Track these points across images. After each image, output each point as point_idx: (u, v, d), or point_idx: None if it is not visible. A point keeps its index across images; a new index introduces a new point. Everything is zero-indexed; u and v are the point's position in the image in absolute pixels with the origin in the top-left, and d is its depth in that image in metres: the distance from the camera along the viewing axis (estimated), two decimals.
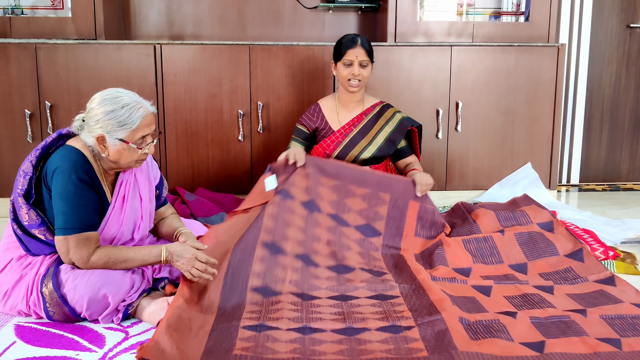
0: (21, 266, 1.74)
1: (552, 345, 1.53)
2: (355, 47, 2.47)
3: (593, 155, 3.90)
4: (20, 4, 3.13)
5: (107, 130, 1.67)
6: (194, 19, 3.46)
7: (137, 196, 1.85)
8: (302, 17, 3.50)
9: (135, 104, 1.69)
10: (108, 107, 1.66)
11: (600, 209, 3.18)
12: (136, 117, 1.68)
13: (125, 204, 1.81)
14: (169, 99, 2.99)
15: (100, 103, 1.67)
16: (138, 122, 1.69)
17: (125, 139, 1.69)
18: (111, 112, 1.66)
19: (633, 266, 2.21)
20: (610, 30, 3.75)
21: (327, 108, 2.63)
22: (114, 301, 1.68)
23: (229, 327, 1.63)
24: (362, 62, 2.47)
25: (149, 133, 1.73)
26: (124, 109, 1.67)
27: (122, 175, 1.83)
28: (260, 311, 1.75)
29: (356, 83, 2.50)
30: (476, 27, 3.21)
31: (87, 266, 1.68)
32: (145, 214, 1.87)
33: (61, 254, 1.69)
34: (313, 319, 1.69)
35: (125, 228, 1.81)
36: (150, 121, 1.73)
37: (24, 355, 1.54)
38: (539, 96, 3.20)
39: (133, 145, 1.70)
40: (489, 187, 3.25)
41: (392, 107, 2.65)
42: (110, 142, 1.68)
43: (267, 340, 1.57)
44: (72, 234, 1.66)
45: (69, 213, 1.65)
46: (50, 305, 1.68)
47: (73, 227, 1.66)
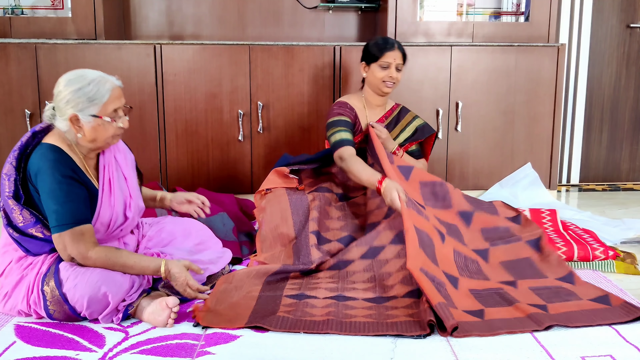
0: (21, 267, 1.74)
1: (491, 313, 1.75)
2: (394, 50, 2.47)
3: (593, 155, 3.90)
4: (20, 4, 3.13)
5: (79, 109, 1.68)
6: (194, 19, 3.46)
7: (121, 176, 1.87)
8: (302, 17, 3.50)
9: (100, 78, 1.71)
10: (75, 85, 1.68)
11: (600, 209, 3.18)
12: (104, 91, 1.70)
13: (112, 186, 1.82)
14: (169, 99, 3.00)
15: (67, 84, 1.69)
16: (107, 95, 1.70)
17: (98, 114, 1.70)
18: (79, 90, 1.67)
19: (633, 266, 2.21)
20: (610, 30, 3.75)
21: (357, 109, 2.57)
22: (114, 300, 1.68)
23: (274, 296, 1.88)
24: (398, 65, 2.48)
25: (119, 106, 1.74)
26: (90, 85, 1.68)
27: (103, 159, 1.83)
28: (301, 284, 2.00)
29: (391, 85, 2.50)
30: (476, 27, 3.21)
31: (87, 262, 1.69)
32: (132, 192, 1.89)
33: (60, 251, 1.70)
34: (347, 289, 1.94)
35: (118, 208, 1.82)
36: (119, 94, 1.74)
37: (24, 355, 1.54)
38: (539, 96, 3.20)
39: (107, 119, 1.71)
40: (489, 187, 3.25)
41: (410, 112, 2.65)
42: (84, 120, 1.69)
43: (306, 306, 1.81)
44: (67, 230, 1.67)
45: (59, 211, 1.66)
46: (51, 304, 1.68)
47: (66, 223, 1.67)
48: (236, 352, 1.56)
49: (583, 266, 2.22)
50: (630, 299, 1.90)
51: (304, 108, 3.04)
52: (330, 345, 1.61)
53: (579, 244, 2.28)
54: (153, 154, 3.04)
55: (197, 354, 1.55)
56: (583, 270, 2.19)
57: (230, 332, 1.67)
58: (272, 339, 1.64)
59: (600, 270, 2.20)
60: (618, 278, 2.15)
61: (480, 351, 1.57)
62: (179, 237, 2.01)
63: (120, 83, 1.76)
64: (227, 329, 1.67)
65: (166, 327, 1.70)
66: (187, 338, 1.64)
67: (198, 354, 1.55)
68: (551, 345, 1.59)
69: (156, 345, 1.60)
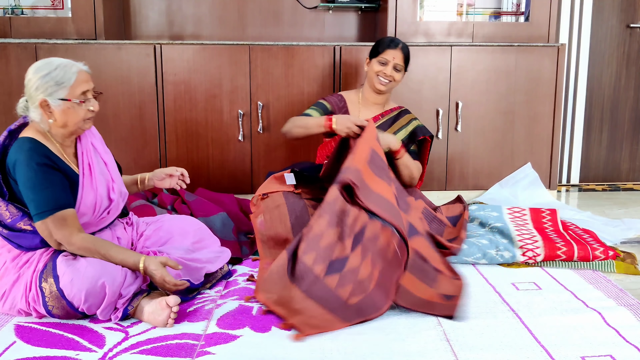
0: (17, 266, 1.75)
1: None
2: (396, 49, 2.50)
3: (593, 155, 3.90)
4: (20, 4, 3.13)
5: (47, 93, 1.72)
6: (194, 19, 3.46)
7: (100, 161, 1.90)
8: (302, 17, 3.50)
9: (67, 63, 1.75)
10: (42, 71, 1.72)
11: (600, 209, 3.18)
12: (71, 74, 1.74)
13: (92, 170, 1.85)
14: (169, 99, 3.00)
15: (35, 71, 1.73)
16: (74, 78, 1.74)
17: (67, 97, 1.73)
18: (47, 75, 1.72)
19: (633, 266, 2.21)
20: (610, 30, 3.75)
21: (351, 102, 2.64)
22: (110, 291, 1.68)
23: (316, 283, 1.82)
24: (397, 65, 2.50)
25: (88, 89, 1.78)
26: (57, 69, 1.73)
27: (80, 145, 1.86)
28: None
29: (385, 81, 2.51)
30: (476, 27, 3.21)
31: (71, 247, 1.72)
32: (114, 175, 1.91)
33: (46, 238, 1.72)
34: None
35: (102, 191, 1.84)
36: (87, 78, 1.78)
37: (24, 355, 1.55)
38: (539, 96, 3.20)
39: (76, 101, 1.74)
40: (489, 187, 3.25)
41: (410, 114, 2.65)
42: (53, 104, 1.73)
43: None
44: (48, 216, 1.69)
45: (38, 198, 1.69)
46: (50, 300, 1.68)
47: (46, 209, 1.69)
48: (236, 352, 1.56)
49: (583, 266, 2.22)
50: (630, 299, 1.90)
51: (304, 108, 3.04)
52: (330, 345, 1.61)
53: (579, 244, 2.28)
54: (153, 154, 3.04)
55: (197, 354, 1.55)
56: (583, 270, 2.19)
57: (230, 332, 1.67)
58: (272, 339, 1.64)
59: (600, 270, 2.20)
60: (618, 278, 2.15)
61: (480, 351, 1.57)
62: (177, 236, 2.01)
63: (87, 69, 1.81)
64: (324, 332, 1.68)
65: (166, 326, 1.70)
66: (187, 338, 1.64)
67: (198, 354, 1.55)
68: (551, 345, 1.59)
69: (156, 345, 1.60)
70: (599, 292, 1.98)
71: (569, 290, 2.00)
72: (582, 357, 1.53)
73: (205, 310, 1.83)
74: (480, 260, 2.25)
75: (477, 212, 2.64)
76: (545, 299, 1.92)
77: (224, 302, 1.89)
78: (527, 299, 1.92)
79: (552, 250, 2.24)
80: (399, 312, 1.82)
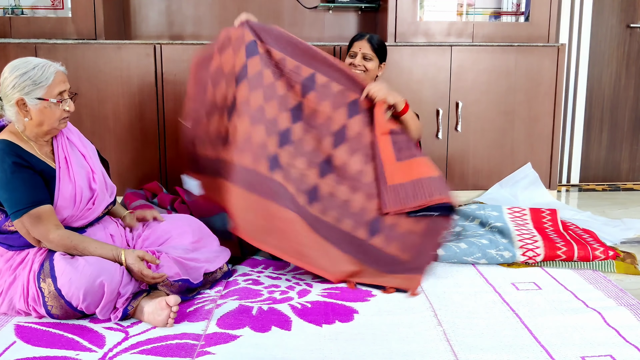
0: (12, 267, 1.76)
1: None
2: (362, 40, 2.53)
3: (593, 155, 3.90)
4: (20, 4, 3.13)
5: (25, 92, 1.72)
6: (194, 19, 3.46)
7: (77, 153, 1.91)
8: (302, 17, 3.50)
9: (44, 63, 1.77)
10: (20, 71, 1.73)
11: (600, 209, 3.18)
12: (49, 74, 1.75)
13: (69, 162, 1.86)
14: (169, 99, 2.99)
15: (12, 70, 1.74)
16: (52, 78, 1.75)
17: (44, 97, 1.74)
18: (24, 74, 1.72)
19: (633, 266, 2.21)
20: (610, 30, 3.75)
21: None
22: (108, 290, 1.68)
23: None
24: (365, 54, 2.52)
25: (64, 89, 1.79)
26: (35, 69, 1.74)
27: (56, 142, 1.87)
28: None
29: (358, 72, 2.51)
30: (476, 27, 3.21)
31: (50, 244, 1.72)
32: (94, 166, 1.92)
33: (24, 236, 1.73)
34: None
35: (81, 183, 1.84)
36: (64, 78, 1.80)
37: (24, 355, 1.55)
38: (539, 96, 3.20)
39: (53, 100, 1.75)
40: (489, 187, 3.25)
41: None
42: (30, 104, 1.73)
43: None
44: (23, 215, 1.70)
45: (12, 197, 1.70)
46: (49, 300, 1.68)
47: (21, 208, 1.70)
48: (236, 352, 1.56)
49: (583, 266, 2.22)
50: (630, 299, 1.90)
51: None
52: (330, 345, 1.61)
53: (579, 244, 2.28)
54: (153, 154, 3.04)
55: (197, 354, 1.55)
56: (583, 270, 2.19)
57: (230, 332, 1.67)
58: (272, 339, 1.64)
59: (600, 270, 2.20)
60: (618, 278, 2.15)
61: (481, 351, 1.57)
62: (175, 236, 2.00)
63: (64, 69, 1.82)
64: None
65: (166, 326, 1.70)
66: (187, 338, 1.64)
67: (198, 354, 1.55)
68: (551, 345, 1.59)
69: (156, 345, 1.60)
70: (599, 292, 1.98)
71: (569, 290, 2.00)
72: (582, 357, 1.53)
73: (205, 310, 1.83)
74: (480, 260, 2.25)
75: (477, 211, 2.64)
76: (545, 299, 1.92)
77: (224, 302, 1.89)
78: (527, 299, 1.92)
79: (552, 250, 2.24)
80: (399, 312, 1.82)
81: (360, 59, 2.52)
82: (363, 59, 2.52)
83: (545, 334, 1.66)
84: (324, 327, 1.72)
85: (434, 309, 1.84)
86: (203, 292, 1.98)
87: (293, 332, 1.69)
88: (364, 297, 1.94)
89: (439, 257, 2.17)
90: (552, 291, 1.99)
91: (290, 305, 1.87)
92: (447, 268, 2.21)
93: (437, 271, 2.17)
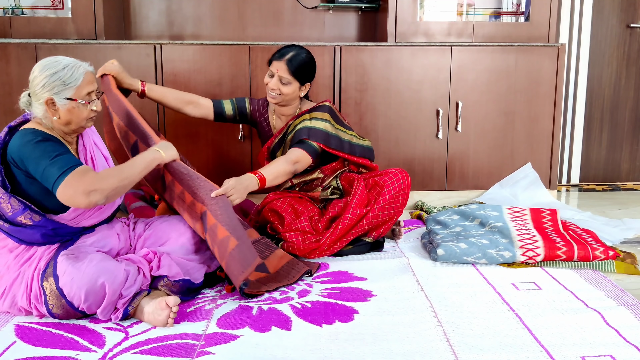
0: (18, 263, 1.76)
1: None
2: (280, 60, 2.34)
3: (593, 155, 3.90)
4: (20, 4, 3.13)
5: (54, 92, 1.74)
6: (194, 19, 3.46)
7: (101, 156, 1.95)
8: (302, 17, 3.50)
9: (74, 63, 1.78)
10: (50, 70, 1.74)
11: (600, 209, 3.18)
12: (78, 75, 1.77)
13: (95, 163, 1.90)
14: None
15: (42, 69, 1.75)
16: (81, 79, 1.77)
17: (73, 97, 1.76)
18: (54, 74, 1.74)
19: (633, 266, 2.21)
20: (610, 30, 3.75)
21: (271, 111, 2.56)
22: (110, 291, 1.68)
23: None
24: (282, 78, 2.34)
25: (92, 90, 1.81)
26: (65, 69, 1.75)
27: (82, 141, 1.90)
28: None
29: (273, 95, 2.38)
30: (476, 27, 3.21)
31: (104, 185, 1.65)
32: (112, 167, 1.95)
33: (75, 200, 1.64)
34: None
35: None
36: (92, 79, 1.82)
37: (24, 355, 1.55)
38: (539, 96, 3.20)
39: (81, 101, 1.77)
40: (489, 187, 3.25)
41: (313, 112, 2.44)
42: (59, 103, 1.75)
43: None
44: (69, 174, 1.64)
45: (54, 164, 1.65)
46: (50, 299, 1.69)
47: (67, 168, 1.65)
48: (236, 352, 1.56)
49: (583, 266, 2.22)
50: (630, 299, 1.90)
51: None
52: (330, 345, 1.61)
53: (579, 244, 2.28)
54: None
55: (197, 354, 1.55)
56: (583, 270, 2.19)
57: (230, 332, 1.67)
58: (272, 339, 1.64)
59: (600, 270, 2.20)
60: (618, 278, 2.15)
61: (481, 351, 1.57)
62: (175, 236, 2.00)
63: (92, 69, 1.84)
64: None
65: (166, 326, 1.70)
66: (187, 338, 1.64)
67: (198, 354, 1.55)
68: (551, 345, 1.59)
69: (156, 345, 1.60)
70: (599, 292, 1.98)
71: (569, 290, 2.00)
72: (582, 357, 1.53)
73: (205, 310, 1.83)
74: (480, 260, 2.25)
75: (477, 211, 2.64)
76: (545, 299, 1.92)
77: (224, 302, 1.89)
78: (527, 299, 1.92)
79: (552, 250, 2.24)
80: (399, 312, 1.82)
81: (277, 81, 2.35)
82: (279, 82, 2.35)
83: (545, 334, 1.66)
84: (324, 327, 1.72)
85: (434, 309, 1.84)
86: (203, 292, 1.98)
87: (293, 332, 1.69)
88: (364, 297, 1.94)
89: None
90: (552, 291, 1.99)
91: (290, 305, 1.87)
92: (447, 268, 2.21)
93: (437, 271, 2.18)
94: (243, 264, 1.82)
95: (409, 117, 3.14)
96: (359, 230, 2.35)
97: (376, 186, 2.40)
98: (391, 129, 3.14)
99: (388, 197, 2.37)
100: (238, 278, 1.84)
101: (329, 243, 2.28)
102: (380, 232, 2.40)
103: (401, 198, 2.41)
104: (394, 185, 2.38)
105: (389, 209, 2.39)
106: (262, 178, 2.19)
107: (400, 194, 2.40)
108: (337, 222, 2.30)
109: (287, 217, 2.35)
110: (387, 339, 1.64)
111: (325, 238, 2.27)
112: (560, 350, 1.57)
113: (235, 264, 1.82)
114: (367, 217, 2.35)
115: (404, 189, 2.40)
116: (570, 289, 2.00)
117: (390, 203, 2.38)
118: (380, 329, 1.70)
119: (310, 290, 2.00)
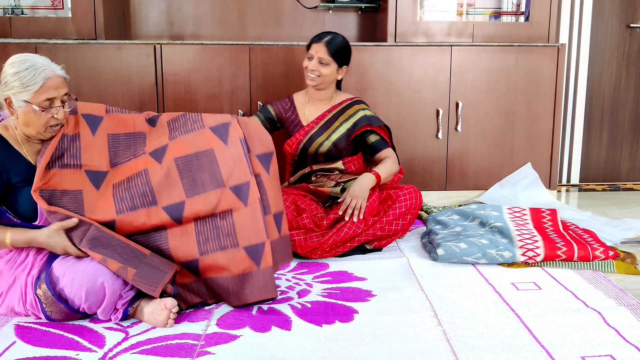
0: (12, 268, 1.75)
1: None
2: (319, 43, 2.48)
3: (593, 155, 3.90)
4: (20, 4, 3.13)
5: (12, 92, 1.69)
6: (194, 19, 3.46)
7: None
8: (302, 17, 3.50)
9: (40, 66, 1.70)
10: (15, 68, 1.69)
11: (600, 209, 3.18)
12: (39, 79, 1.69)
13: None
14: (169, 99, 2.99)
15: (10, 65, 1.71)
16: (40, 84, 1.69)
17: (29, 101, 1.69)
18: (16, 74, 1.68)
19: (633, 266, 2.21)
20: (610, 30, 3.75)
21: (299, 102, 2.66)
22: (110, 291, 1.68)
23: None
24: (321, 59, 2.47)
25: (55, 96, 1.72)
26: (27, 70, 1.68)
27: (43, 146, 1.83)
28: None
29: (312, 76, 2.50)
30: (476, 27, 3.21)
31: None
32: None
33: None
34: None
35: None
36: (57, 84, 1.72)
37: (24, 355, 1.55)
38: (539, 96, 3.20)
39: (36, 107, 1.69)
40: (489, 187, 3.25)
41: (361, 104, 2.61)
42: (16, 104, 1.70)
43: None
44: None
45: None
46: (47, 305, 1.68)
47: None
48: (236, 352, 1.56)
49: (583, 266, 2.22)
50: (630, 299, 1.90)
51: None
52: (330, 345, 1.61)
53: (579, 244, 2.28)
54: None
55: (197, 354, 1.55)
56: (583, 270, 2.19)
57: (230, 332, 1.67)
58: (272, 339, 1.64)
59: (600, 270, 2.20)
60: (618, 278, 2.15)
61: (481, 351, 1.57)
62: None
63: (63, 73, 1.76)
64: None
65: (166, 327, 1.70)
66: (187, 338, 1.64)
67: (198, 354, 1.55)
68: (551, 345, 1.59)
69: (156, 345, 1.60)
70: (599, 292, 1.98)
71: (569, 290, 2.00)
72: (582, 357, 1.53)
73: (205, 310, 1.83)
74: (480, 260, 2.25)
75: (477, 211, 2.63)
76: (545, 299, 1.92)
77: (224, 302, 1.89)
78: (527, 299, 1.92)
79: (552, 250, 2.24)
80: (399, 312, 1.83)
81: (316, 63, 2.47)
82: (319, 63, 2.48)
83: (545, 334, 1.67)
84: (324, 327, 1.72)
85: (434, 309, 1.84)
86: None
87: (293, 332, 1.69)
88: (364, 297, 1.94)
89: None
90: (552, 291, 1.99)
91: (290, 305, 1.87)
92: (447, 268, 2.21)
93: (437, 271, 2.18)
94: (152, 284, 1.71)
95: (409, 117, 3.14)
96: (363, 239, 2.37)
97: (389, 199, 2.46)
98: (391, 128, 3.13)
99: (398, 212, 2.42)
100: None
101: (330, 244, 2.28)
102: (382, 244, 2.43)
103: (409, 216, 2.46)
104: (406, 202, 2.44)
105: (397, 224, 2.42)
106: (377, 175, 2.41)
107: (410, 212, 2.45)
108: (343, 225, 2.31)
109: (288, 214, 2.36)
110: (387, 339, 1.64)
111: (328, 238, 2.27)
112: (560, 350, 1.57)
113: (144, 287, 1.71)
114: (374, 227, 2.38)
115: (413, 208, 2.46)
116: (570, 289, 2.00)
117: (399, 219, 2.42)
118: (380, 329, 1.70)
119: (310, 290, 2.00)
